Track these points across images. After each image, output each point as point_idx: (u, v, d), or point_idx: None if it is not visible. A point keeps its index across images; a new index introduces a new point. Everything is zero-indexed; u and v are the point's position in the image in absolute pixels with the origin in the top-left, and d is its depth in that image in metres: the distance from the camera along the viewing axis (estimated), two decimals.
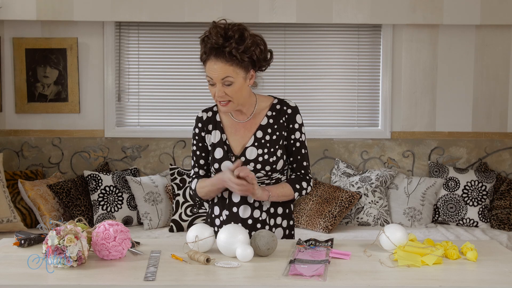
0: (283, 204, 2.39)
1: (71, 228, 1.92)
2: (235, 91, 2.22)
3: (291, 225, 2.43)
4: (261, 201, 2.32)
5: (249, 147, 2.31)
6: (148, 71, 4.65)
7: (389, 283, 1.80)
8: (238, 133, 2.34)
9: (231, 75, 2.19)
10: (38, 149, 4.58)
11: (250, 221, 2.33)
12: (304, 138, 2.39)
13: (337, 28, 4.65)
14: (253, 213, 2.33)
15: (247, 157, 2.30)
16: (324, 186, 4.45)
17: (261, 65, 2.29)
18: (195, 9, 4.38)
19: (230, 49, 2.15)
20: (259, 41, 2.23)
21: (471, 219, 4.35)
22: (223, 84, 2.20)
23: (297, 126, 2.37)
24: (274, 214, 2.37)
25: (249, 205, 2.33)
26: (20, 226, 4.01)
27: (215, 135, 2.36)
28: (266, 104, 2.37)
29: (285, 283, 1.78)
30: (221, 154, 2.33)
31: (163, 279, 1.81)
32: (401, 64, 4.62)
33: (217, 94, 2.21)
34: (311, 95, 4.69)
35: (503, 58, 4.61)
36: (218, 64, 2.18)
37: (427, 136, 4.65)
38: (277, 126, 2.33)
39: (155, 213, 4.25)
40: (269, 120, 2.34)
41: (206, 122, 2.39)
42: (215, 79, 2.20)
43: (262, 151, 2.30)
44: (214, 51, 2.18)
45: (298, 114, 2.38)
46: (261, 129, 2.33)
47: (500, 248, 2.19)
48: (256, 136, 2.32)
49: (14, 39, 4.50)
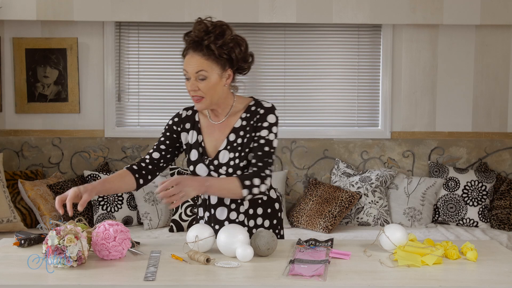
0: (263, 204, 2.34)
1: (71, 228, 1.92)
2: (208, 87, 2.18)
3: (275, 224, 2.37)
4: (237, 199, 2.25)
5: (222, 151, 2.27)
6: (148, 71, 4.65)
7: (389, 283, 1.80)
8: (213, 135, 2.30)
9: (206, 70, 2.17)
10: (38, 149, 4.58)
11: (226, 223, 2.30)
12: (273, 138, 2.26)
13: (337, 28, 4.65)
14: (229, 215, 2.31)
15: (219, 161, 2.26)
16: (324, 186, 4.45)
17: (240, 67, 2.25)
18: (195, 9, 4.37)
19: (208, 42, 2.14)
20: (240, 41, 2.22)
21: (471, 219, 4.35)
22: (197, 78, 2.18)
23: (265, 124, 2.25)
24: (254, 215, 2.32)
25: (226, 206, 2.31)
26: (20, 226, 4.01)
27: (192, 135, 2.33)
28: (242, 105, 2.31)
29: (285, 283, 1.78)
30: (196, 156, 2.30)
31: (163, 279, 1.81)
32: (401, 64, 4.62)
33: (190, 87, 2.19)
34: (311, 95, 4.69)
35: (503, 58, 4.61)
36: (195, 57, 2.17)
37: (427, 136, 4.65)
38: (249, 129, 2.26)
39: (155, 213, 4.25)
40: (243, 122, 2.28)
41: (185, 119, 2.36)
42: (189, 72, 2.18)
43: (233, 155, 2.25)
44: (193, 44, 2.18)
45: (271, 114, 2.28)
46: (234, 131, 2.28)
47: (500, 248, 2.19)
48: (228, 139, 2.27)
49: (14, 39, 4.50)
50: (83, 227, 2.10)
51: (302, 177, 4.65)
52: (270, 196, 2.37)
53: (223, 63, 2.19)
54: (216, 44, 2.15)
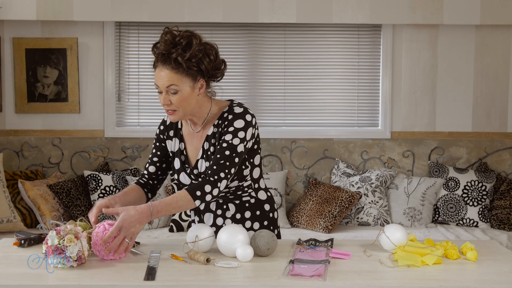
0: (251, 207, 2.31)
1: (71, 228, 1.92)
2: (180, 100, 2.12)
3: (267, 226, 2.34)
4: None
5: (199, 160, 2.23)
6: (148, 71, 4.64)
7: (389, 283, 1.80)
8: (193, 143, 2.27)
9: (176, 84, 2.10)
10: (38, 149, 4.58)
11: (213, 229, 2.27)
12: (237, 143, 2.15)
13: (337, 28, 4.65)
14: (215, 221, 2.31)
15: (199, 170, 2.23)
16: (324, 186, 4.45)
17: (213, 74, 2.19)
18: (195, 9, 4.37)
19: (176, 55, 2.08)
20: (209, 50, 2.15)
21: (471, 219, 4.35)
22: (168, 92, 2.12)
23: (231, 129, 2.16)
24: (241, 220, 2.30)
25: (212, 212, 2.31)
26: (20, 226, 4.01)
27: (175, 142, 2.31)
28: (217, 112, 2.25)
29: (285, 283, 1.78)
30: (179, 165, 2.28)
31: (163, 279, 1.81)
32: (401, 64, 4.62)
33: (162, 101, 2.14)
34: (311, 95, 4.69)
35: (503, 58, 4.61)
36: (164, 71, 2.11)
37: (427, 136, 4.65)
38: (217, 136, 2.20)
39: None
40: (214, 130, 2.22)
41: (169, 127, 2.33)
42: (160, 86, 2.12)
43: (208, 164, 2.20)
44: (161, 58, 2.12)
45: (240, 119, 2.17)
46: (207, 140, 2.23)
47: (500, 248, 2.19)
48: (203, 147, 2.23)
49: (14, 39, 4.50)
50: (84, 226, 2.10)
51: (302, 177, 4.65)
52: (258, 198, 2.33)
53: (193, 75, 2.13)
54: (184, 57, 2.08)
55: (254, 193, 2.32)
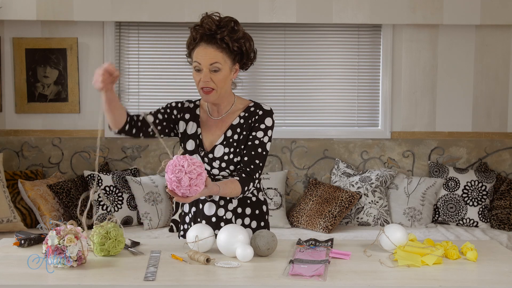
0: (252, 205, 2.37)
1: (71, 228, 1.92)
2: (220, 79, 2.23)
3: (263, 227, 2.39)
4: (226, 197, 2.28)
5: (218, 145, 2.31)
6: (148, 71, 4.65)
7: (389, 283, 1.80)
8: (211, 130, 2.35)
9: (220, 62, 2.22)
10: (38, 149, 4.58)
11: (214, 219, 2.33)
12: (267, 141, 2.30)
13: (337, 28, 4.65)
14: (217, 211, 2.34)
15: (214, 155, 2.31)
16: (324, 186, 4.45)
17: (246, 62, 2.32)
18: (195, 9, 4.37)
19: (221, 36, 2.20)
20: (249, 37, 2.29)
21: (471, 219, 4.35)
22: (210, 70, 2.22)
23: (262, 126, 2.30)
24: (242, 215, 2.36)
25: (214, 203, 2.34)
26: (20, 226, 4.01)
27: (192, 126, 2.37)
28: (242, 105, 2.36)
29: (285, 283, 1.78)
30: (193, 147, 2.34)
31: (163, 279, 1.81)
32: (401, 64, 4.62)
33: (203, 78, 2.22)
34: (311, 95, 4.69)
35: (503, 58, 4.61)
36: (209, 49, 2.21)
37: (427, 136, 4.65)
38: (246, 126, 2.31)
39: (155, 213, 4.25)
40: (241, 121, 2.33)
41: (186, 109, 2.40)
42: (203, 64, 2.22)
43: (228, 150, 2.30)
44: (206, 37, 2.22)
45: (269, 117, 2.32)
46: (231, 128, 2.33)
47: (500, 248, 2.19)
48: (226, 135, 2.32)
49: (14, 39, 4.50)
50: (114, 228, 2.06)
51: (302, 177, 4.65)
52: (258, 197, 2.40)
53: (233, 57, 2.25)
54: (231, 37, 2.21)
55: (256, 191, 2.39)
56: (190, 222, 2.42)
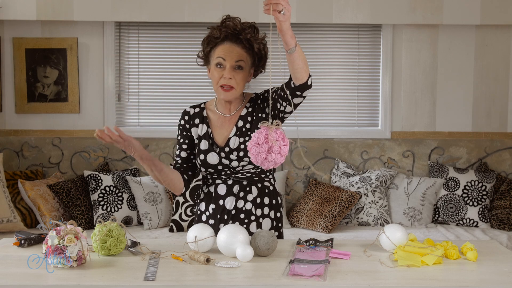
0: (269, 194, 2.41)
1: (71, 228, 1.92)
2: (241, 78, 2.31)
3: (279, 217, 2.44)
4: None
5: (232, 137, 2.36)
6: (148, 71, 4.65)
7: (389, 283, 1.80)
8: (223, 127, 2.40)
9: (244, 60, 2.31)
10: (38, 149, 4.58)
11: (233, 212, 2.36)
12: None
13: (337, 28, 4.65)
14: (236, 204, 2.37)
15: (230, 147, 2.35)
16: (324, 186, 4.45)
17: (259, 68, 2.42)
18: (195, 9, 4.38)
19: (245, 36, 2.29)
20: (266, 42, 2.39)
21: (471, 219, 4.35)
22: (234, 67, 2.30)
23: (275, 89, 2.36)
24: (261, 204, 2.39)
25: (234, 196, 2.37)
26: (20, 226, 4.01)
27: (202, 128, 2.41)
28: (247, 98, 2.45)
29: (285, 283, 1.78)
30: (206, 146, 2.38)
31: (163, 279, 1.81)
32: (401, 64, 4.62)
33: (225, 74, 2.28)
34: (311, 95, 4.69)
35: (503, 58, 4.61)
36: (234, 47, 2.31)
37: (427, 136, 4.65)
38: (252, 110, 2.39)
39: (155, 213, 4.25)
40: (248, 109, 2.40)
41: (193, 116, 2.44)
42: (228, 60, 2.29)
43: (243, 139, 2.34)
44: (230, 36, 2.30)
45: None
46: (241, 119, 2.38)
47: (500, 248, 2.19)
48: (237, 126, 2.37)
49: (14, 39, 4.50)
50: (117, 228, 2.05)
51: (302, 177, 4.65)
52: (275, 187, 2.46)
53: (253, 60, 2.36)
54: (256, 39, 2.31)
55: (272, 180, 2.45)
56: (207, 220, 2.42)
